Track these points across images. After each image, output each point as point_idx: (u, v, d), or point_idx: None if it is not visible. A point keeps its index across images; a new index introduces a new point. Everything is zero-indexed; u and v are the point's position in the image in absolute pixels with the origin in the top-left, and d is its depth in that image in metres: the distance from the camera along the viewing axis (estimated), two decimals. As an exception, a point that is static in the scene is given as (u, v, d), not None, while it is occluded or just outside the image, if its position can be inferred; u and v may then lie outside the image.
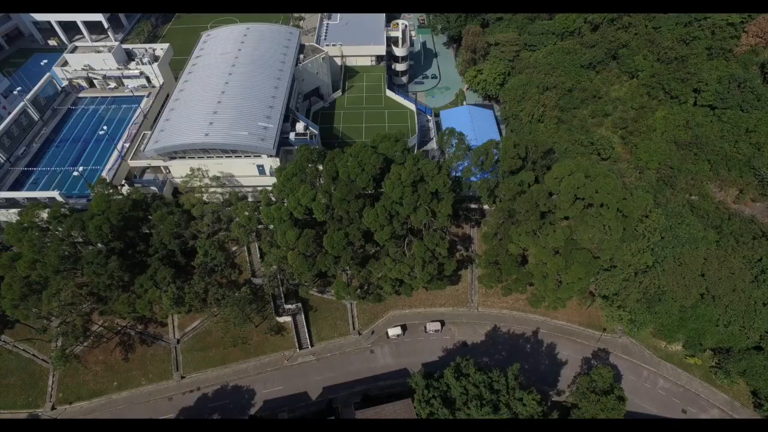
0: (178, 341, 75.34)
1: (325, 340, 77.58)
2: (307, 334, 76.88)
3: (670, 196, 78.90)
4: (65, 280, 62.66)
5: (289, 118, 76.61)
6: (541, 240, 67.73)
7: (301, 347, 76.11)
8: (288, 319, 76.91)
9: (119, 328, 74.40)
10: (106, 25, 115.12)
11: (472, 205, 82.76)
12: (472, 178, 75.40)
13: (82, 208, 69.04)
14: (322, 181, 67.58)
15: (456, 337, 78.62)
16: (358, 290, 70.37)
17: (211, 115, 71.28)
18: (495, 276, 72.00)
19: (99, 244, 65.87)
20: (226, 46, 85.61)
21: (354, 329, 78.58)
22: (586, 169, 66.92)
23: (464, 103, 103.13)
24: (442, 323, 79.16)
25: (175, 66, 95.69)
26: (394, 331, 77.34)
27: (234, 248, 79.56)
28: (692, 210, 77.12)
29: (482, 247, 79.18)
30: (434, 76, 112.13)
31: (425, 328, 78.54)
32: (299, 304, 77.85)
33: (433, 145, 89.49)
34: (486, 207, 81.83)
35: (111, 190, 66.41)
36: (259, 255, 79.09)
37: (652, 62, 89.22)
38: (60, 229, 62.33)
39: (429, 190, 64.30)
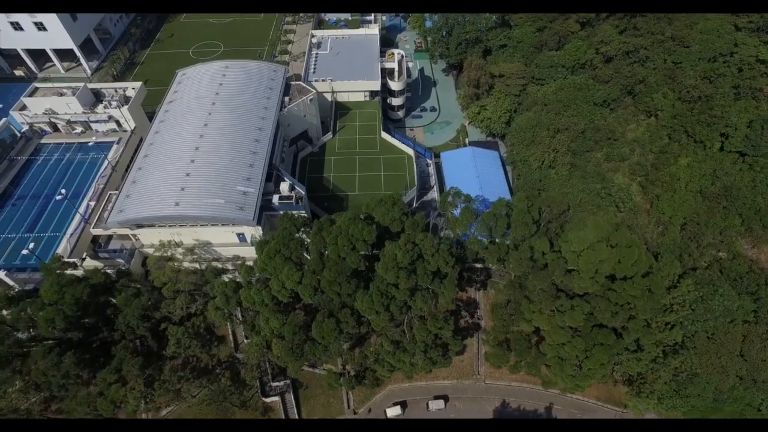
0: (152, 427, 67.28)
1: (317, 422, 69.73)
2: (297, 415, 69.02)
3: (695, 253, 71.03)
4: (11, 379, 54.34)
5: (272, 177, 68.08)
6: (558, 319, 59.96)
7: (289, 431, 68.27)
8: (276, 398, 68.98)
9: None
10: (78, 53, 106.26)
11: (477, 265, 74.78)
12: (480, 237, 67.59)
13: (36, 287, 60.74)
14: (309, 256, 59.50)
15: (461, 415, 70.83)
16: (353, 379, 62.35)
17: (182, 179, 62.60)
18: (504, 357, 64.12)
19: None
20: (202, 89, 76.77)
21: (349, 408, 70.62)
22: (607, 233, 59.05)
23: (466, 140, 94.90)
24: (446, 399, 71.37)
25: (153, 99, 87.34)
26: (393, 411, 69.39)
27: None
28: (721, 271, 69.41)
29: (489, 320, 71.18)
30: (433, 109, 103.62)
31: (427, 405, 70.69)
32: (288, 381, 69.80)
33: (434, 194, 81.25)
34: (492, 267, 73.87)
35: (68, 270, 58.14)
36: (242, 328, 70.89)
37: (672, 101, 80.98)
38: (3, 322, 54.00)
39: (429, 269, 56.22)
